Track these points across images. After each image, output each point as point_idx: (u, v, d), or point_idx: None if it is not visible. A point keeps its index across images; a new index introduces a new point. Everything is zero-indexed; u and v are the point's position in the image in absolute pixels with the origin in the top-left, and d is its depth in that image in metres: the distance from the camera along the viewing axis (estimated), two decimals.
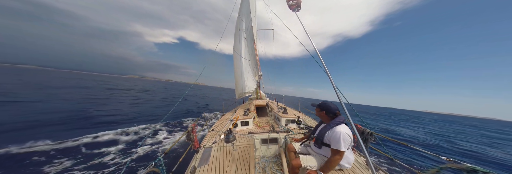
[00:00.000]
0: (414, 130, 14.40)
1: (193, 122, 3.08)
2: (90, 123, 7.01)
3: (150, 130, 6.62)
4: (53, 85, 22.16)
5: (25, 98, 11.04)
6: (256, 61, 7.00)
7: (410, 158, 5.99)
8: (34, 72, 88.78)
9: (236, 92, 8.14)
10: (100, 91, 20.34)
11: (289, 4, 1.80)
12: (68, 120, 7.06)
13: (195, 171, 1.95)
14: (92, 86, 26.10)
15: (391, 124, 18.26)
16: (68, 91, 17.50)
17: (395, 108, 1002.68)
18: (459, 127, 23.00)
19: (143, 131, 6.53)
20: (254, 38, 6.88)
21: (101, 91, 21.11)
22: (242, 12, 7.61)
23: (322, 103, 1.89)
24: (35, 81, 25.67)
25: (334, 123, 1.69)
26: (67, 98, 12.63)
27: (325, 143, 1.74)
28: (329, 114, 1.79)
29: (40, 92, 14.88)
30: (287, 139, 2.87)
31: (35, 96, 12.39)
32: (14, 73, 48.90)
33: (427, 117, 50.99)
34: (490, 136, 16.46)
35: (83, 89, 20.45)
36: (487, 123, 54.58)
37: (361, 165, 2.04)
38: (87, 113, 8.61)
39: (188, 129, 2.48)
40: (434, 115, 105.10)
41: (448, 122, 32.53)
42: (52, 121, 6.73)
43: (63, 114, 7.92)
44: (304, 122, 3.80)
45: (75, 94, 15.28)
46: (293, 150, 2.17)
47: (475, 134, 16.90)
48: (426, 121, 28.07)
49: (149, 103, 14.79)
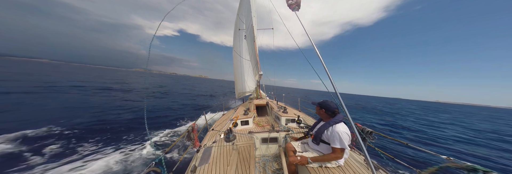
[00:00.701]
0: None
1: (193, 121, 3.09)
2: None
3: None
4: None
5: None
6: (256, 61, 6.99)
7: (410, 157, 5.99)
8: (52, 65, 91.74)
9: (236, 91, 8.14)
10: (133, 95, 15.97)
11: (288, 4, 1.81)
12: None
13: (196, 170, 1.96)
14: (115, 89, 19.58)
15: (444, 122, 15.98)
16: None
17: (403, 98, 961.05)
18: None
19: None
20: (254, 37, 6.87)
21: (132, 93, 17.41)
22: (241, 12, 7.58)
23: (322, 101, 1.94)
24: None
25: (333, 122, 1.74)
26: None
27: (323, 140, 1.79)
28: (328, 112, 1.84)
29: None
30: (287, 139, 2.87)
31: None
32: (47, 67, 48.48)
33: (454, 109, 46.63)
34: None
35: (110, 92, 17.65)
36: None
37: (360, 164, 2.05)
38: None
39: (188, 129, 2.48)
40: (458, 106, 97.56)
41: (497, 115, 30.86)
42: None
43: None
44: (304, 121, 3.81)
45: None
46: (292, 148, 2.19)
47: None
48: (471, 115, 26.28)
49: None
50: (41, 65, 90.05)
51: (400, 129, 11.10)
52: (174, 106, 12.19)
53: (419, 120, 16.52)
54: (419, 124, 13.51)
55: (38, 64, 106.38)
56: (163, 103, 12.85)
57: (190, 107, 12.37)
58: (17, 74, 23.81)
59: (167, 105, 12.15)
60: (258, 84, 7.71)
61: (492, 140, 9.75)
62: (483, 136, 10.83)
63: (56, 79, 22.44)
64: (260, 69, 6.83)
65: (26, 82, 16.80)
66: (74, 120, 6.66)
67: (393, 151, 6.46)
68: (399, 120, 15.14)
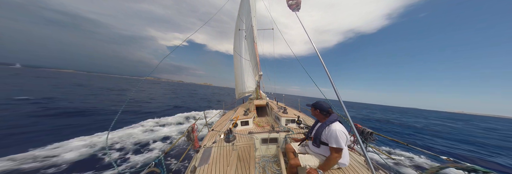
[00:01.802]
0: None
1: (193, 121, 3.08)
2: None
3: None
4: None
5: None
6: (257, 61, 7.00)
7: (410, 157, 5.98)
8: (79, 75, 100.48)
9: (236, 92, 8.14)
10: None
11: (289, 4, 1.81)
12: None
13: (195, 170, 1.96)
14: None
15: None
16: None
17: (422, 109, 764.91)
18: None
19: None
20: (254, 38, 6.88)
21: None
22: (242, 12, 7.60)
23: (315, 102, 1.97)
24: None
25: (329, 121, 1.75)
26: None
27: (323, 142, 1.77)
28: (322, 112, 1.85)
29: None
30: (287, 139, 2.87)
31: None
32: (83, 78, 51.59)
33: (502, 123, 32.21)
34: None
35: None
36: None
37: (360, 165, 2.04)
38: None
39: (188, 129, 2.48)
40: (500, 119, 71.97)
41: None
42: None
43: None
44: (304, 121, 3.80)
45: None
46: (292, 150, 2.18)
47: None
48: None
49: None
50: (74, 75, 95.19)
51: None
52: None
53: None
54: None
55: (70, 74, 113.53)
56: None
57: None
58: (72, 85, 24.15)
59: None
60: (258, 85, 7.72)
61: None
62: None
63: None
64: (260, 70, 6.83)
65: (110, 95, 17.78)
66: None
67: (393, 152, 6.46)
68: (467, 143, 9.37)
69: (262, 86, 7.93)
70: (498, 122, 42.15)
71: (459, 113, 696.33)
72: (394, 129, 13.19)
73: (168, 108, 12.82)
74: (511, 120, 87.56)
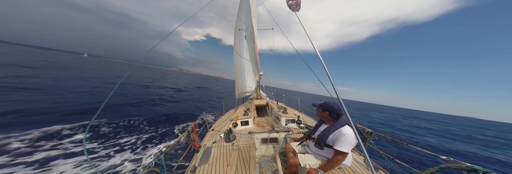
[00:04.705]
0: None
1: (193, 121, 3.08)
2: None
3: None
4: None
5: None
6: (257, 61, 6.99)
7: (410, 157, 5.98)
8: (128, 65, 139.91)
9: (236, 91, 8.14)
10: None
11: (289, 4, 1.80)
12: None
13: (195, 170, 1.96)
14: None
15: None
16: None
17: (480, 118, 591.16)
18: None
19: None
20: (254, 38, 6.87)
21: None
22: (241, 12, 7.59)
23: (324, 103, 1.86)
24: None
25: (338, 125, 1.66)
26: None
27: (328, 145, 1.71)
28: (332, 115, 1.76)
29: None
30: (287, 139, 2.87)
31: None
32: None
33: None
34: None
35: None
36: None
37: (360, 165, 2.04)
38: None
39: (188, 129, 2.48)
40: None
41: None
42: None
43: None
44: (304, 121, 3.80)
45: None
46: (292, 149, 2.18)
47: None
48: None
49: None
50: (123, 64, 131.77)
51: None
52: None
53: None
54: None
55: (120, 64, 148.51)
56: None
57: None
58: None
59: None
60: (258, 84, 7.72)
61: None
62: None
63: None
64: (260, 70, 6.83)
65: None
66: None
67: (393, 152, 6.46)
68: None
69: (262, 86, 7.93)
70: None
71: (467, 117, 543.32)
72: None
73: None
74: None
